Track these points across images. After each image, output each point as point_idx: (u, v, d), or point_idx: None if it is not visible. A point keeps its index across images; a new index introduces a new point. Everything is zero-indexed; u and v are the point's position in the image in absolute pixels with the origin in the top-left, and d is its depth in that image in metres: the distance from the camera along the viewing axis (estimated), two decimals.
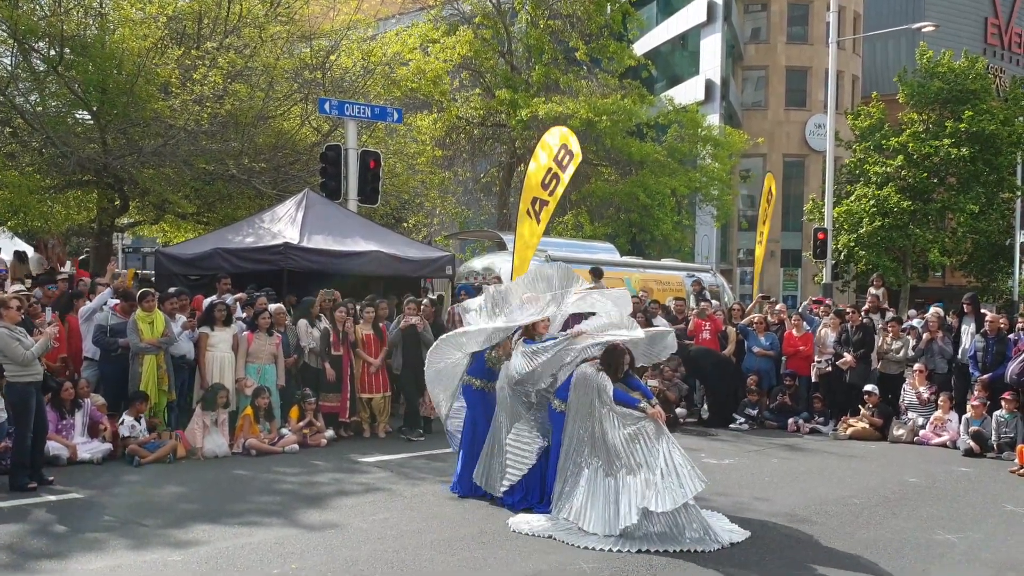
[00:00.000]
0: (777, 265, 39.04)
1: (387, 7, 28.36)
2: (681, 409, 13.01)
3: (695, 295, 15.82)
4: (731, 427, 12.83)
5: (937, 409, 11.74)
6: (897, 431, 11.88)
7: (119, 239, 27.40)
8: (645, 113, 26.54)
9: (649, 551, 6.35)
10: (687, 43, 39.57)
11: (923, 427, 11.82)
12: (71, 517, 7.06)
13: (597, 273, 13.09)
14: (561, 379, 7.41)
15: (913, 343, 12.65)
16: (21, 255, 14.83)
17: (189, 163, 15.59)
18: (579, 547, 6.44)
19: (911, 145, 27.44)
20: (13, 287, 10.29)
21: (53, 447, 8.75)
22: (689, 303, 15.76)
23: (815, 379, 13.09)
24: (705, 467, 7.72)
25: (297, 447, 10.10)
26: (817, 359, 13.01)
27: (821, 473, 9.69)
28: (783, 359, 13.48)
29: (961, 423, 11.33)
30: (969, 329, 12.23)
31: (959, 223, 28.07)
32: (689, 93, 34.64)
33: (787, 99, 40.83)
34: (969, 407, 11.29)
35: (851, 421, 12.26)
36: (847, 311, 13.48)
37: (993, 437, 10.89)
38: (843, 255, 28.59)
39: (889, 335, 12.68)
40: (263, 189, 16.64)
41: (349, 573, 5.79)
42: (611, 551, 6.36)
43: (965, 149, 26.91)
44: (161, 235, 22.47)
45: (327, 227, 13.11)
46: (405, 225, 22.56)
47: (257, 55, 16.97)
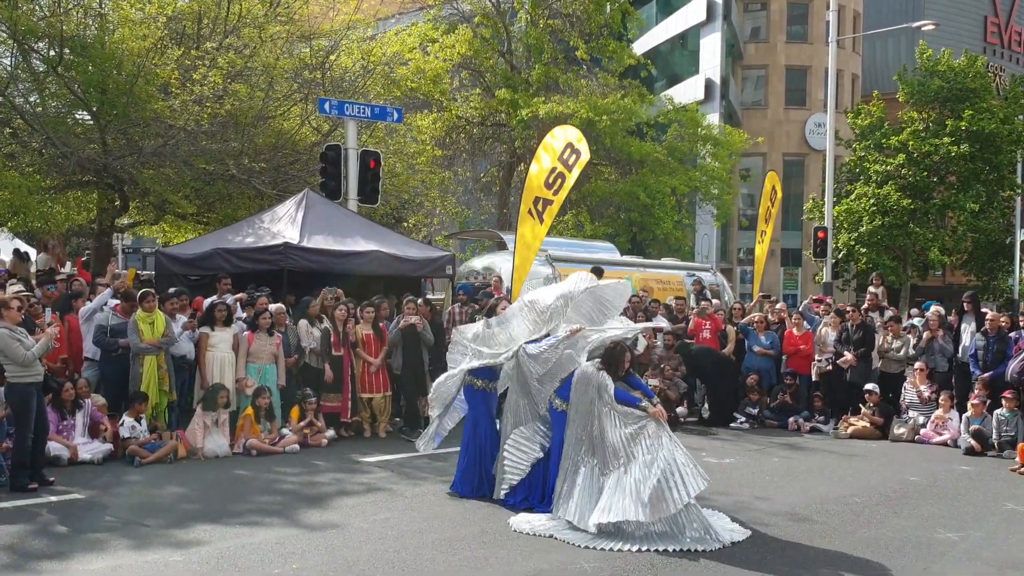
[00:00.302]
0: (777, 264, 39.01)
1: (387, 7, 28.37)
2: (682, 408, 13.03)
3: (695, 294, 15.83)
4: (732, 426, 12.83)
5: (938, 408, 11.74)
6: (898, 430, 11.88)
7: (119, 239, 27.41)
8: (645, 112, 26.53)
9: (650, 550, 6.35)
10: (687, 42, 39.55)
11: (924, 426, 11.81)
12: (72, 517, 7.06)
13: (598, 272, 13.04)
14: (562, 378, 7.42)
15: (914, 342, 12.65)
16: (23, 254, 14.83)
17: (189, 163, 15.58)
18: (580, 546, 6.45)
19: (911, 144, 27.41)
20: (15, 287, 10.27)
21: (54, 448, 8.76)
22: (689, 302, 15.76)
23: (815, 378, 13.11)
24: (706, 466, 7.71)
25: (298, 447, 10.10)
26: (817, 358, 13.02)
27: (822, 472, 9.69)
28: (783, 358, 13.48)
29: (962, 422, 11.33)
30: (969, 328, 12.21)
31: (959, 221, 28.05)
32: (689, 92, 34.65)
33: (787, 98, 40.80)
34: (970, 406, 11.28)
35: (852, 420, 12.25)
36: (847, 310, 13.48)
37: (994, 435, 10.89)
38: (843, 254, 28.55)
39: (889, 334, 12.68)
40: (263, 189, 16.64)
41: (350, 573, 5.79)
42: (612, 550, 6.36)
43: (965, 147, 26.89)
44: (161, 235, 22.48)
45: (327, 227, 13.11)
46: (405, 225, 22.57)
47: (257, 55, 16.97)
